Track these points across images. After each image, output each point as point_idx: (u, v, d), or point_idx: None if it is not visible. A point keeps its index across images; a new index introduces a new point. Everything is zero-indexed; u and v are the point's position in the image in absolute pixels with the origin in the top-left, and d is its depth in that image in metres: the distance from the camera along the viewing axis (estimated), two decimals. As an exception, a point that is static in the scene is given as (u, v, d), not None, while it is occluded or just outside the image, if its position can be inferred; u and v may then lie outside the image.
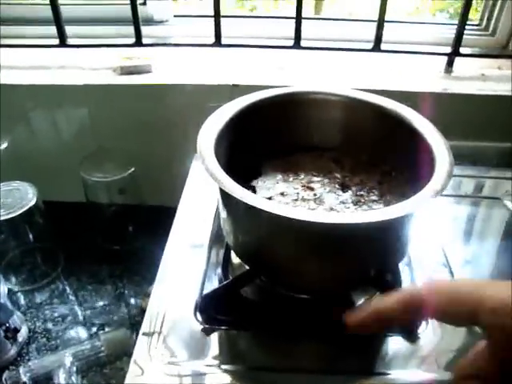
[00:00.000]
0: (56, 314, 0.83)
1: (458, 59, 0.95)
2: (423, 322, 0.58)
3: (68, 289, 0.89)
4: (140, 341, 0.56)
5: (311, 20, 1.01)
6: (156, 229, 0.83)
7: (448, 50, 0.94)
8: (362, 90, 0.85)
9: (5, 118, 0.93)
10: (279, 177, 0.67)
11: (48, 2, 0.88)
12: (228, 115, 0.62)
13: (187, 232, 0.72)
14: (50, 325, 0.82)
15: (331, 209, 0.61)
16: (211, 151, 0.55)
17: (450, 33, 0.95)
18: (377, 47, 0.92)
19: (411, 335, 0.57)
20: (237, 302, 0.61)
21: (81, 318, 0.83)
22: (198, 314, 0.59)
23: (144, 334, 0.57)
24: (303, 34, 0.91)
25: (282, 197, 0.63)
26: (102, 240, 0.97)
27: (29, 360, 0.76)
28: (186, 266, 0.66)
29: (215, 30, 0.91)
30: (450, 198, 0.81)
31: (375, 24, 0.90)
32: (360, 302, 0.62)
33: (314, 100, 0.68)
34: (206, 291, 0.61)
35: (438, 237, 0.72)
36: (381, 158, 0.69)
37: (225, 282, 0.60)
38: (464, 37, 0.92)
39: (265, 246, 0.56)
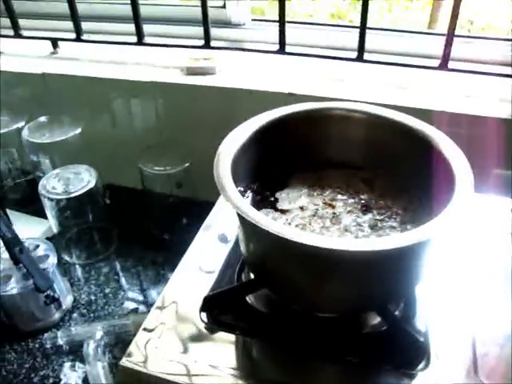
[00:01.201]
0: (99, 290, 0.91)
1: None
2: (423, 360, 0.56)
3: (115, 269, 0.96)
4: (139, 335, 0.61)
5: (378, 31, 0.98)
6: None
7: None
8: (421, 109, 0.85)
9: (81, 107, 1.02)
10: (304, 190, 0.67)
11: (128, 1, 0.95)
12: (251, 130, 0.64)
13: (216, 230, 0.75)
14: (92, 298, 0.89)
15: (345, 230, 0.61)
16: (228, 163, 0.57)
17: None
18: (444, 65, 0.88)
19: (410, 371, 0.56)
20: (241, 308, 0.63)
21: (120, 297, 0.90)
22: (203, 314, 0.62)
23: (144, 329, 0.61)
24: (368, 46, 0.90)
25: (300, 211, 0.64)
26: (153, 227, 1.03)
27: (69, 326, 0.84)
28: (206, 265, 0.69)
29: (279, 38, 0.92)
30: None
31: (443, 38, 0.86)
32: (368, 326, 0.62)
33: (348, 117, 0.68)
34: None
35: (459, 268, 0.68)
36: (412, 181, 0.66)
37: (230, 286, 0.62)
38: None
39: (268, 260, 0.57)
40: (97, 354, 0.78)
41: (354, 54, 0.91)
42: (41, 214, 1.03)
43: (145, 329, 0.61)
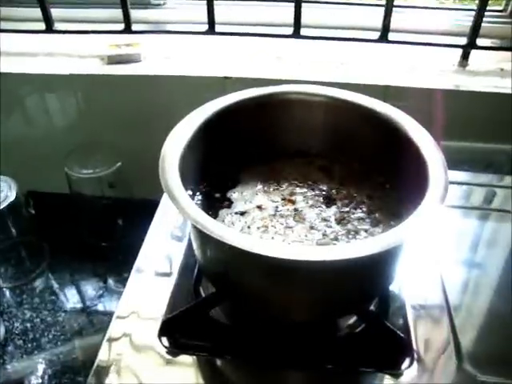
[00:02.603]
0: (35, 315, 0.81)
1: (474, 51, 0.86)
2: (407, 359, 0.53)
3: (51, 287, 0.86)
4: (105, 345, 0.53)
5: (313, 4, 0.92)
6: (145, 223, 0.79)
7: (463, 41, 0.85)
8: (364, 84, 0.81)
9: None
10: (259, 187, 0.61)
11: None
12: (198, 122, 0.56)
13: (167, 228, 0.68)
14: (28, 325, 0.79)
15: (311, 227, 0.56)
16: (175, 167, 0.50)
17: (467, 20, 0.87)
18: (384, 37, 0.84)
19: (395, 372, 0.52)
20: (205, 325, 0.56)
21: (60, 319, 0.80)
22: (163, 338, 0.55)
23: (100, 362, 0.53)
24: (304, 21, 0.84)
25: (259, 211, 0.58)
26: (88, 235, 0.93)
27: (3, 363, 0.74)
28: (162, 267, 0.62)
29: (208, 17, 0.84)
30: (457, 209, 0.74)
31: (383, 10, 0.82)
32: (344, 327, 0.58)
33: (296, 101, 0.62)
34: (172, 312, 0.56)
35: (436, 256, 0.65)
36: (374, 167, 0.62)
37: (189, 305, 0.55)
38: (483, 25, 0.83)
39: (232, 274, 0.51)
40: (41, 391, 0.69)
41: (290, 30, 0.85)
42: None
43: (99, 363, 0.53)
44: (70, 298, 0.85)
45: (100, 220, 0.95)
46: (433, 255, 0.65)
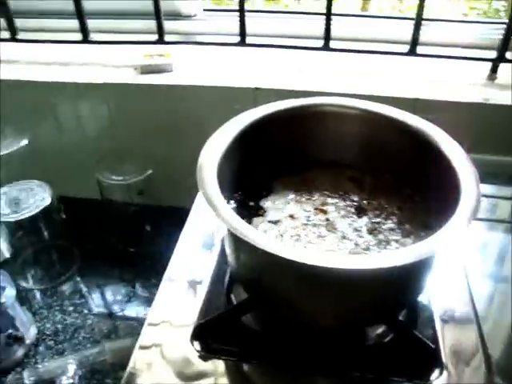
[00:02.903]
0: (66, 317, 0.83)
1: (503, 65, 0.87)
2: (436, 370, 0.53)
3: (80, 291, 0.88)
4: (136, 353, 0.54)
5: (342, 17, 0.94)
6: (173, 231, 0.80)
7: (492, 54, 0.86)
8: (393, 97, 0.82)
9: (24, 116, 0.92)
10: (291, 196, 0.62)
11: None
12: (234, 132, 0.58)
13: (195, 243, 0.69)
14: (59, 327, 0.81)
15: (343, 237, 0.56)
16: (213, 177, 0.51)
17: (495, 34, 0.87)
18: (413, 51, 0.85)
19: (424, 382, 0.52)
20: (237, 331, 0.57)
21: (89, 322, 0.82)
22: (195, 342, 0.56)
23: (142, 347, 0.54)
24: (333, 33, 0.85)
25: (292, 220, 0.59)
26: (117, 241, 0.95)
27: (35, 362, 0.76)
28: (190, 281, 0.63)
29: (240, 29, 0.86)
30: (482, 222, 0.74)
31: (412, 23, 0.83)
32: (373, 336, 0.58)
33: (329, 113, 0.63)
34: (205, 318, 0.57)
35: (464, 268, 0.65)
36: (404, 179, 0.63)
37: (223, 311, 0.57)
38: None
39: (263, 279, 0.52)
40: (72, 392, 0.71)
41: (319, 42, 0.86)
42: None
43: (141, 347, 0.55)
44: (99, 302, 0.87)
45: (129, 226, 0.97)
46: (460, 267, 0.66)
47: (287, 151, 0.64)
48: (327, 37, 0.85)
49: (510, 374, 0.53)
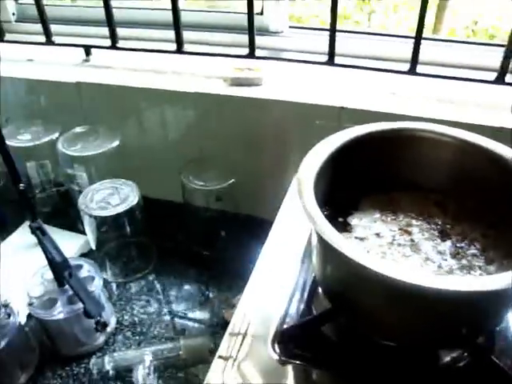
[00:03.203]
0: (142, 310, 0.88)
1: None
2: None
3: (157, 287, 0.93)
4: (215, 363, 0.57)
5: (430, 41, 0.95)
6: (248, 238, 0.84)
7: None
8: (479, 125, 0.82)
9: (117, 117, 0.98)
10: (377, 215, 0.64)
11: (170, 7, 0.91)
12: (329, 151, 0.60)
13: (278, 252, 0.72)
14: (136, 319, 0.86)
15: (427, 259, 0.58)
16: (311, 191, 0.54)
17: None
18: (501, 79, 0.85)
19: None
20: (317, 339, 0.59)
21: (165, 317, 0.86)
22: (276, 346, 0.59)
23: (220, 357, 0.58)
24: (422, 57, 0.87)
25: (377, 238, 0.60)
26: (193, 243, 0.99)
27: (114, 350, 0.81)
28: (272, 291, 0.66)
29: (329, 48, 0.89)
30: None
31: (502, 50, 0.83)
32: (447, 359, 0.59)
33: (420, 138, 0.64)
34: (287, 325, 0.60)
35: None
36: (488, 207, 0.64)
37: (306, 318, 0.59)
38: None
39: (351, 291, 0.54)
40: (147, 380, 0.75)
41: (407, 66, 0.88)
42: (73, 228, 1.00)
43: (220, 356, 0.58)
44: (173, 300, 0.91)
45: (206, 230, 1.01)
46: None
47: (376, 172, 0.66)
48: (414, 60, 0.86)
49: None
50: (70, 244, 0.96)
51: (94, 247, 0.93)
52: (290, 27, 1.09)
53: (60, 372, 0.78)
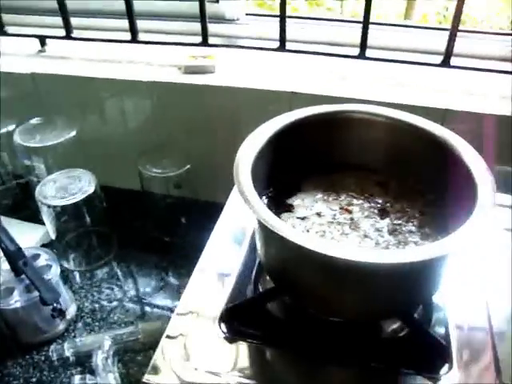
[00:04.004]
0: (103, 297, 0.89)
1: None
2: (446, 365, 0.56)
3: (118, 274, 0.94)
4: (163, 342, 0.59)
5: (378, 26, 0.97)
6: (207, 224, 0.85)
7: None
8: (423, 106, 0.85)
9: (74, 108, 0.99)
10: (319, 195, 0.66)
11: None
12: (268, 134, 0.62)
13: (227, 236, 0.74)
14: (96, 306, 0.87)
15: (365, 236, 0.60)
16: (248, 173, 0.56)
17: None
18: (446, 62, 0.87)
19: (433, 375, 0.56)
20: (262, 317, 0.62)
21: (125, 303, 0.88)
22: (222, 324, 0.61)
23: (168, 336, 0.59)
24: (372, 42, 0.89)
25: (318, 217, 0.63)
26: (154, 230, 1.01)
27: (74, 336, 0.82)
28: (220, 272, 0.68)
29: (280, 34, 0.91)
30: (509, 232, 0.76)
31: (446, 34, 0.85)
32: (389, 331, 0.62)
33: (358, 119, 0.67)
34: (232, 303, 0.62)
35: (486, 276, 0.68)
36: (427, 185, 0.66)
37: (250, 297, 0.61)
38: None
39: (290, 270, 0.56)
40: (107, 365, 0.76)
41: (356, 51, 0.90)
42: (34, 219, 1.01)
43: (168, 336, 0.60)
44: (134, 286, 0.92)
45: (166, 217, 1.02)
46: (481, 274, 0.68)
47: (318, 153, 0.68)
48: (363, 45, 0.89)
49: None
50: (30, 235, 0.97)
51: (53, 237, 0.94)
52: (247, 14, 1.11)
53: (20, 361, 0.79)
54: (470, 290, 0.66)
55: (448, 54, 0.86)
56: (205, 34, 0.94)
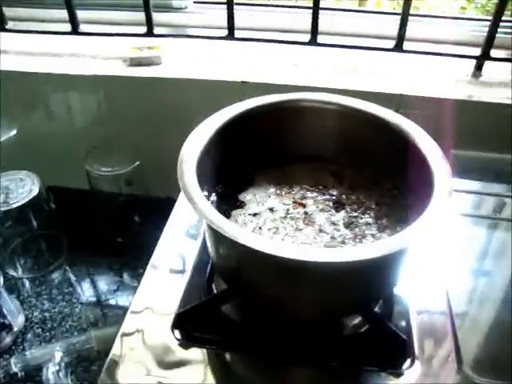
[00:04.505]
0: (53, 305, 0.84)
1: (488, 62, 0.87)
2: (408, 360, 0.55)
3: (69, 279, 0.89)
4: (116, 346, 0.56)
5: (330, 11, 0.94)
6: (161, 221, 0.82)
7: (478, 51, 0.86)
8: (378, 92, 0.83)
9: (13, 106, 0.93)
10: (271, 189, 0.64)
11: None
12: (215, 126, 0.59)
13: (182, 227, 0.71)
14: (47, 315, 0.82)
15: (320, 230, 0.58)
16: (193, 172, 0.52)
17: (483, 31, 0.88)
18: (399, 47, 0.86)
19: (396, 371, 0.54)
20: (217, 321, 0.59)
21: (77, 310, 0.83)
22: (176, 330, 0.57)
23: (113, 356, 0.56)
24: (321, 28, 0.86)
25: (271, 213, 0.60)
26: (105, 231, 0.96)
27: (23, 349, 0.77)
28: (172, 273, 0.65)
29: (228, 22, 0.87)
30: (467, 217, 0.75)
31: (398, 18, 0.84)
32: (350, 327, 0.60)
33: (310, 108, 0.64)
34: (185, 308, 0.59)
35: (442, 263, 0.67)
36: (383, 174, 0.64)
37: (202, 301, 0.58)
38: (498, 35, 0.84)
39: (242, 271, 0.53)
40: (58, 379, 0.72)
41: (307, 37, 0.87)
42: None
43: (112, 357, 0.56)
44: (86, 291, 0.88)
45: (117, 216, 0.98)
46: (439, 262, 0.67)
47: (269, 145, 0.65)
48: (314, 31, 0.86)
49: (479, 366, 0.55)
50: (-28, 243, 0.91)
51: (-2, 244, 0.89)
52: (195, 2, 1.06)
53: (-36, 378, 0.74)
54: (429, 277, 0.65)
55: (400, 38, 0.85)
56: (149, 23, 0.89)
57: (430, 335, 0.57)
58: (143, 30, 0.91)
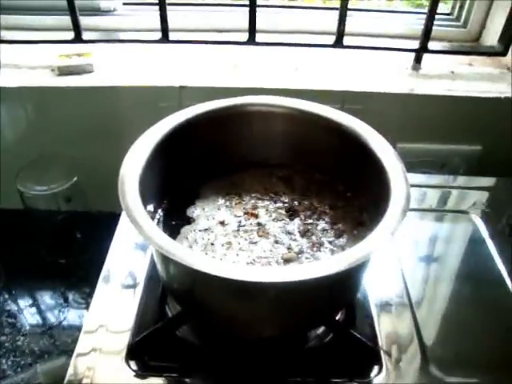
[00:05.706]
0: (-7, 340, 0.77)
1: (426, 55, 0.88)
2: (375, 367, 0.53)
3: (8, 308, 0.83)
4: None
5: (268, 8, 0.92)
6: (104, 237, 0.77)
7: (416, 44, 0.86)
8: (321, 90, 0.81)
9: None
10: (221, 201, 0.61)
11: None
12: (156, 139, 0.55)
13: (130, 239, 0.67)
14: (-14, 351, 0.76)
15: (276, 242, 0.55)
16: (135, 189, 0.49)
17: (419, 23, 0.88)
18: (339, 42, 0.84)
19: (364, 380, 0.53)
20: (173, 346, 0.55)
21: (19, 343, 0.77)
22: (131, 362, 0.53)
23: (70, 377, 0.52)
24: (259, 26, 0.83)
25: (222, 227, 0.57)
26: (45, 252, 0.90)
27: (-39, 392, 0.71)
28: (121, 297, 0.60)
29: (161, 24, 0.83)
30: (413, 212, 0.75)
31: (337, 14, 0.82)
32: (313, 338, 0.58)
33: (254, 112, 0.62)
34: (138, 336, 0.54)
35: (398, 259, 0.66)
36: (334, 176, 0.63)
37: (156, 327, 0.54)
38: (434, 28, 0.85)
39: (194, 292, 0.50)
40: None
41: (246, 36, 0.84)
42: None
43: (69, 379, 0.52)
44: (30, 320, 0.82)
45: (57, 236, 0.92)
46: (394, 258, 0.66)
47: (214, 154, 0.62)
48: (252, 30, 0.83)
49: (444, 362, 0.55)
50: None
51: None
52: (125, 4, 1.01)
53: None
54: (387, 276, 0.64)
55: (340, 33, 0.83)
56: (77, 28, 0.83)
57: (394, 335, 0.56)
58: (71, 35, 0.85)
